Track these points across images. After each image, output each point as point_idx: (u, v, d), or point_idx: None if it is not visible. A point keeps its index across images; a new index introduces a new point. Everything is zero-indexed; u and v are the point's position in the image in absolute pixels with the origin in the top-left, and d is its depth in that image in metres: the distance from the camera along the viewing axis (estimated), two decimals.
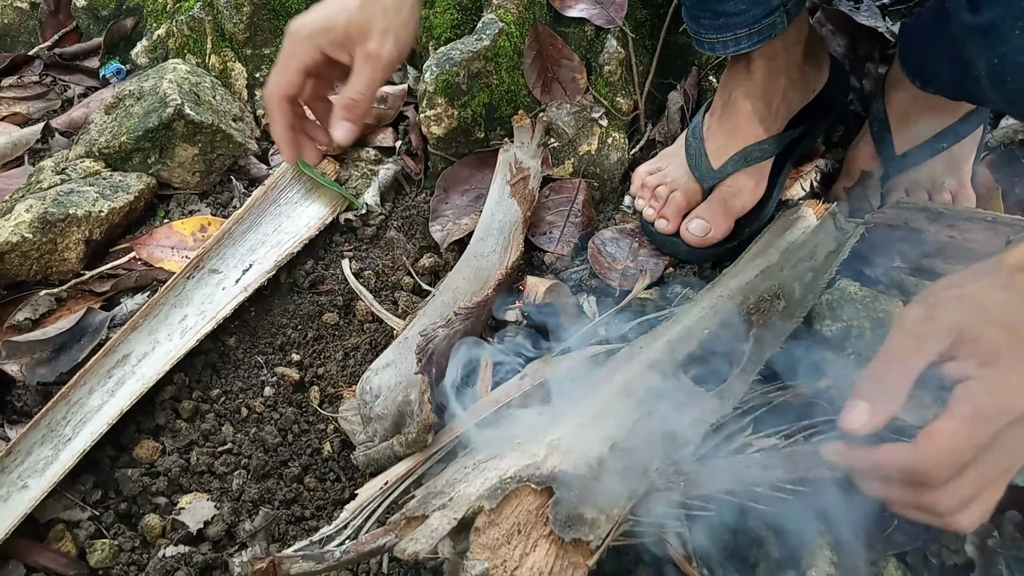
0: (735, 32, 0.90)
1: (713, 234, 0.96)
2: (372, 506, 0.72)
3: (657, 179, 1.02)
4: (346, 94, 0.81)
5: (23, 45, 1.40)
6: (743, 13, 0.88)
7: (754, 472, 0.70)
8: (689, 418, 0.73)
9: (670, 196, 0.99)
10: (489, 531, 0.62)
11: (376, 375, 0.79)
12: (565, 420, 0.73)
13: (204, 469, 0.83)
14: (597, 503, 0.65)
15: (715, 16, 0.89)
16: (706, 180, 0.98)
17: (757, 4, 0.87)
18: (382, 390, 0.78)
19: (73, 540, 0.78)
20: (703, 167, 0.98)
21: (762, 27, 0.89)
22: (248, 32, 1.19)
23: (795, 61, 0.97)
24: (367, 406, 0.78)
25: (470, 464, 0.70)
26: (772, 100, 0.97)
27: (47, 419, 0.83)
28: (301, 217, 1.02)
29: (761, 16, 0.88)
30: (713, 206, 0.97)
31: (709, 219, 0.97)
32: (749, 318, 0.82)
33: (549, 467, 0.67)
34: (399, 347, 0.82)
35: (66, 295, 0.97)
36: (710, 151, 0.98)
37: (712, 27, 0.91)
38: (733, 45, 0.91)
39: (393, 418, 0.77)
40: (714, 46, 0.92)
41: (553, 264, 1.01)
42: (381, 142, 1.17)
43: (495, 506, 0.63)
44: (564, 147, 1.07)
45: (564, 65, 1.08)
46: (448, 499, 0.65)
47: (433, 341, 0.81)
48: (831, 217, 0.93)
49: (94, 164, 1.07)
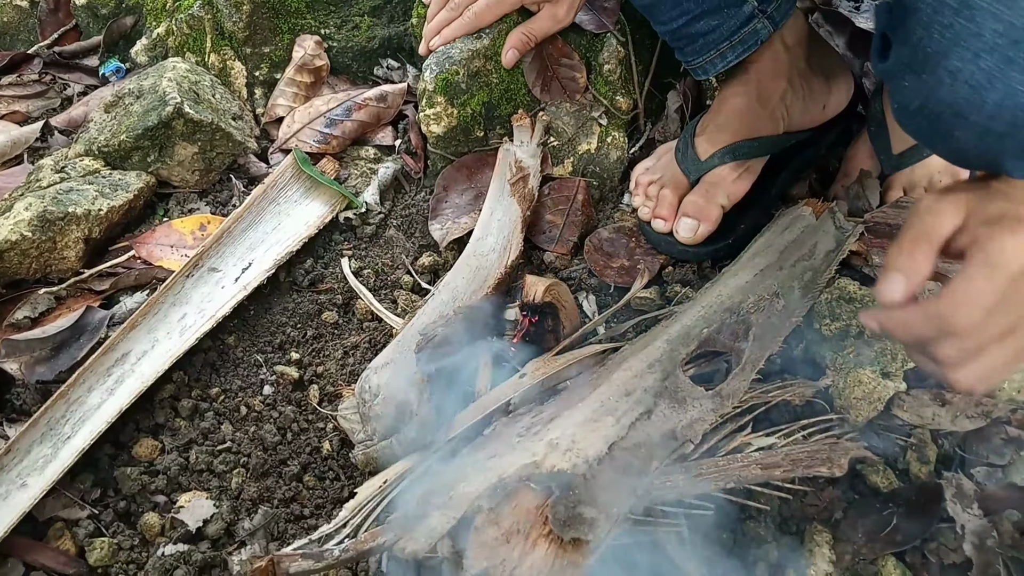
0: (717, 48, 0.91)
1: (703, 229, 0.95)
2: (371, 504, 0.72)
3: (648, 176, 1.02)
4: (527, 28, 1.02)
5: (22, 43, 1.40)
6: (715, 30, 0.89)
7: (753, 471, 0.70)
8: (688, 418, 0.73)
9: (660, 193, 0.99)
10: (488, 530, 0.62)
11: (375, 374, 0.79)
12: (564, 419, 0.73)
13: (203, 468, 0.83)
14: (596, 503, 0.65)
15: (691, 40, 0.91)
16: (691, 172, 0.97)
17: (727, 19, 0.88)
18: (381, 389, 0.78)
19: (72, 538, 0.78)
20: (689, 158, 0.98)
21: (743, 36, 0.90)
22: (247, 31, 1.19)
23: (798, 67, 0.96)
24: (366, 405, 0.78)
25: (469, 462, 0.70)
26: (769, 101, 0.96)
27: (46, 417, 0.83)
28: (300, 215, 1.02)
29: (736, 27, 0.89)
30: (696, 199, 0.97)
31: (694, 213, 0.96)
32: (748, 318, 0.82)
33: (548, 466, 0.67)
34: (398, 346, 0.82)
35: (65, 293, 0.97)
36: (698, 144, 0.98)
37: (694, 51, 0.92)
38: (720, 61, 0.92)
39: (392, 417, 0.77)
40: (705, 68, 0.93)
41: (553, 263, 1.01)
42: (380, 141, 1.17)
43: (494, 505, 0.63)
44: (564, 146, 1.07)
45: (564, 64, 1.08)
46: (448, 498, 0.65)
47: (432, 341, 0.81)
48: (830, 215, 0.93)
49: (93, 162, 1.07)
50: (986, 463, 0.80)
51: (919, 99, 0.60)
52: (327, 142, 1.13)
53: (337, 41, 1.22)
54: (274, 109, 1.18)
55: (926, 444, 0.81)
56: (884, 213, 0.92)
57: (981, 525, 0.73)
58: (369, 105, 1.15)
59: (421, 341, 0.81)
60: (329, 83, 1.21)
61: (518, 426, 0.75)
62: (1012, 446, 0.81)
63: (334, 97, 1.17)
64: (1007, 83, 0.54)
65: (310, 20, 1.22)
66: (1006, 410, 0.81)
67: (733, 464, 0.71)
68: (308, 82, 1.19)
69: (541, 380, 0.81)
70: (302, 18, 1.22)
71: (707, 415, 0.73)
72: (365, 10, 1.25)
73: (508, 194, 0.99)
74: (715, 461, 0.71)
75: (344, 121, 1.14)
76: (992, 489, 0.78)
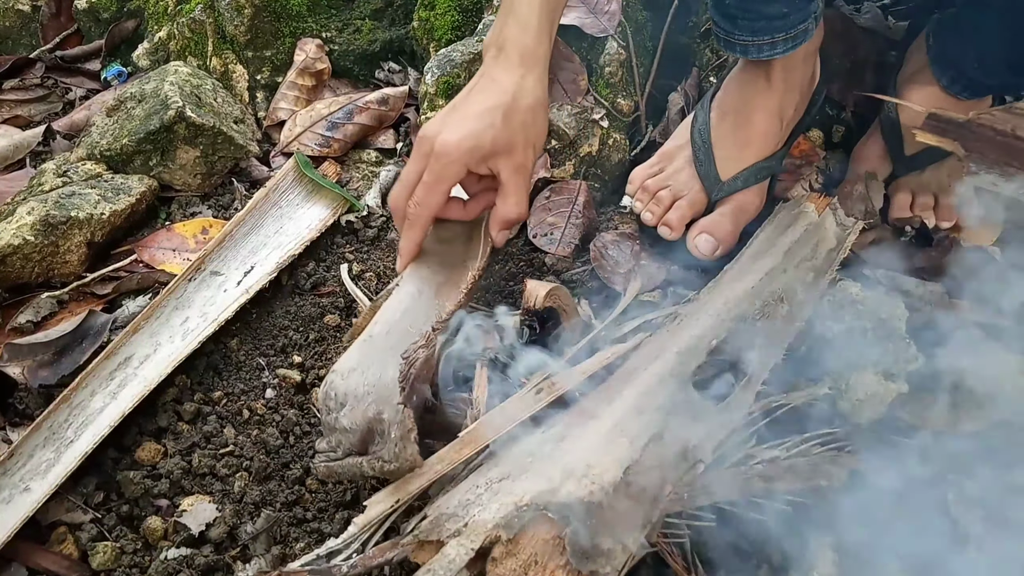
0: (772, 36, 0.89)
1: (721, 252, 0.96)
2: (380, 520, 0.70)
3: (658, 183, 1.00)
4: (505, 211, 0.81)
5: (24, 48, 1.40)
6: (785, 17, 0.87)
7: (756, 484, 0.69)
8: (699, 436, 0.72)
9: (675, 203, 0.98)
10: (506, 562, 0.61)
11: (342, 380, 0.72)
12: (577, 440, 0.71)
13: (206, 471, 0.83)
14: (613, 532, 0.63)
15: (756, 18, 0.88)
16: (714, 192, 0.97)
17: (797, 9, 0.87)
18: (348, 399, 0.71)
19: (75, 542, 0.78)
20: (712, 177, 0.97)
21: (797, 32, 0.89)
22: (249, 34, 1.19)
23: (809, 73, 0.97)
24: (331, 413, 0.72)
25: (482, 483, 0.69)
26: (785, 115, 0.96)
27: (49, 421, 0.83)
28: (302, 219, 1.02)
29: (799, 21, 0.88)
30: (724, 223, 0.96)
31: (720, 237, 0.95)
32: (755, 324, 0.81)
33: (565, 493, 0.65)
34: (364, 348, 0.75)
35: (68, 297, 0.97)
36: (719, 159, 0.97)
37: (749, 29, 0.89)
38: (769, 49, 0.90)
39: (361, 433, 0.70)
40: (747, 49, 0.91)
41: (554, 265, 1.01)
42: (382, 144, 1.17)
43: (512, 536, 0.62)
44: (565, 148, 1.07)
45: (565, 66, 1.08)
46: (463, 524, 0.64)
47: (415, 365, 0.73)
48: (832, 211, 0.92)
49: (96, 166, 1.07)
50: None
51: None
52: (329, 145, 1.13)
53: (339, 44, 1.22)
54: (276, 112, 1.19)
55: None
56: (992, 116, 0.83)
57: None
58: (371, 108, 1.15)
59: (404, 367, 0.72)
60: (331, 86, 1.22)
61: (528, 442, 0.73)
62: None
63: (336, 100, 1.17)
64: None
65: (311, 24, 1.22)
66: None
67: (736, 477, 0.70)
68: (310, 85, 1.19)
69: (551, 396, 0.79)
70: (304, 22, 1.22)
71: (717, 431, 0.72)
72: (366, 14, 1.25)
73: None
74: (719, 474, 0.70)
75: (346, 124, 1.14)
76: None
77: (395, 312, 0.79)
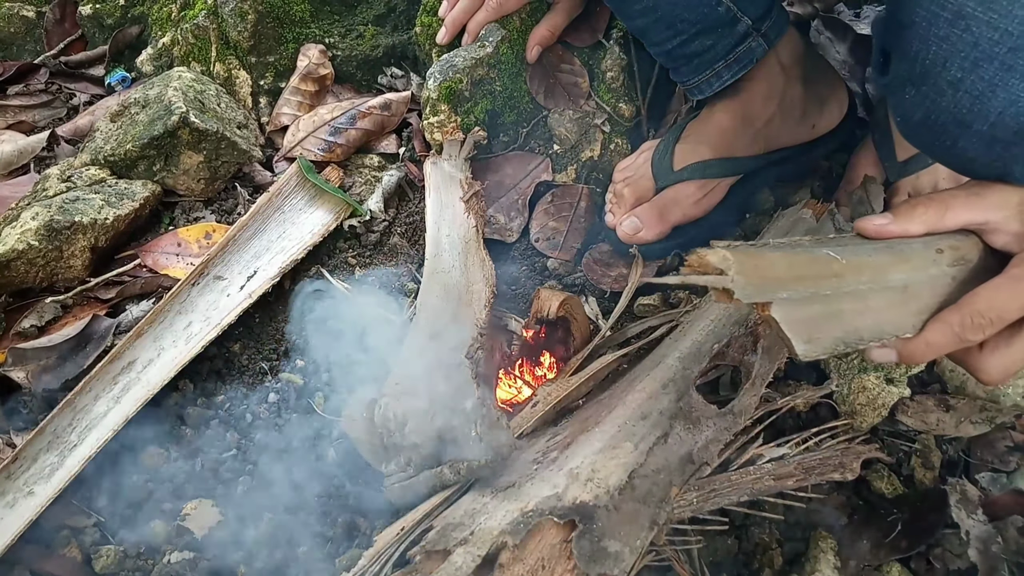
0: (712, 68, 0.90)
1: (643, 235, 0.96)
2: (389, 552, 0.69)
3: (623, 175, 1.01)
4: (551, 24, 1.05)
5: (29, 53, 1.41)
6: (710, 50, 0.88)
7: (766, 483, 0.69)
8: (704, 439, 0.72)
9: (624, 191, 0.99)
10: (514, 567, 0.61)
11: (396, 401, 0.76)
12: (582, 445, 0.72)
13: (209, 475, 0.84)
14: (620, 535, 0.63)
15: (686, 60, 0.91)
16: (660, 179, 0.97)
17: (721, 38, 0.87)
18: (408, 417, 0.74)
19: (79, 546, 0.79)
20: (664, 165, 0.97)
21: (738, 55, 0.89)
22: (252, 40, 1.20)
23: (792, 87, 0.96)
24: (391, 435, 0.75)
25: (487, 492, 0.69)
26: (754, 122, 0.96)
27: (53, 426, 0.83)
28: (305, 224, 1.03)
29: (731, 47, 0.88)
30: (650, 209, 0.96)
31: (643, 220, 0.96)
32: (756, 329, 0.82)
33: (571, 498, 0.65)
34: (405, 367, 0.79)
35: (72, 302, 0.97)
36: (677, 151, 0.97)
37: (689, 71, 0.92)
38: (716, 81, 0.91)
39: (433, 444, 0.73)
40: (701, 88, 0.93)
41: (556, 269, 1.01)
42: (385, 148, 1.17)
43: (519, 541, 0.62)
44: (566, 153, 1.07)
45: (566, 71, 1.08)
46: (469, 532, 0.64)
47: (480, 363, 0.79)
48: (830, 217, 0.93)
49: (99, 172, 1.07)
50: (991, 468, 0.80)
51: (921, 111, 0.60)
52: (331, 150, 1.14)
53: (341, 50, 1.23)
54: (279, 118, 1.19)
55: (931, 450, 0.81)
56: None
57: (986, 531, 0.73)
58: (373, 113, 1.16)
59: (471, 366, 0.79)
60: (333, 92, 1.22)
61: (533, 450, 0.73)
62: (1017, 452, 0.81)
63: (338, 105, 1.17)
64: (1008, 90, 0.54)
65: (314, 29, 1.23)
66: (1010, 415, 0.81)
67: (746, 478, 0.70)
68: (312, 91, 1.20)
69: (554, 404, 0.80)
70: (306, 27, 1.23)
71: (721, 435, 0.72)
72: (369, 19, 1.26)
73: (454, 209, 0.98)
74: (728, 476, 0.70)
75: (348, 129, 1.14)
76: (996, 495, 0.78)
77: (419, 341, 0.82)
